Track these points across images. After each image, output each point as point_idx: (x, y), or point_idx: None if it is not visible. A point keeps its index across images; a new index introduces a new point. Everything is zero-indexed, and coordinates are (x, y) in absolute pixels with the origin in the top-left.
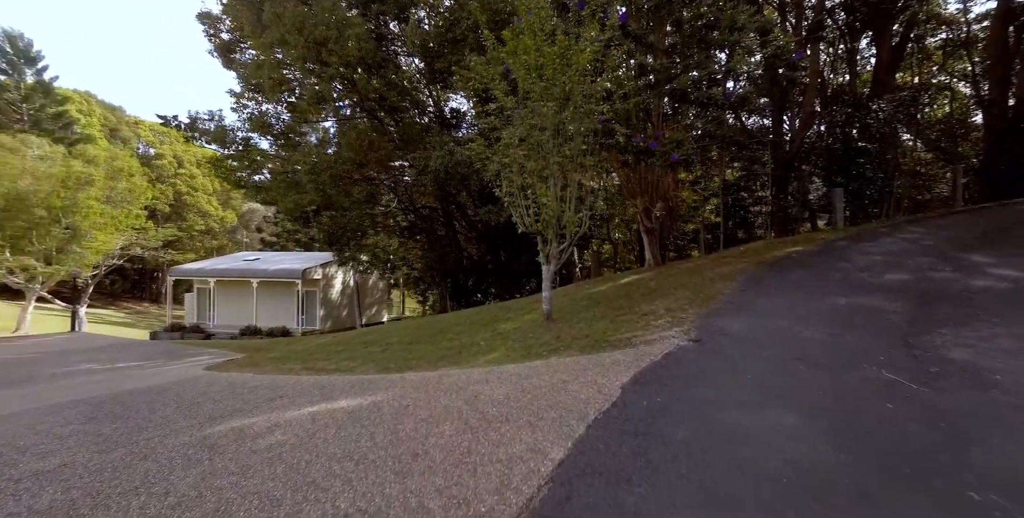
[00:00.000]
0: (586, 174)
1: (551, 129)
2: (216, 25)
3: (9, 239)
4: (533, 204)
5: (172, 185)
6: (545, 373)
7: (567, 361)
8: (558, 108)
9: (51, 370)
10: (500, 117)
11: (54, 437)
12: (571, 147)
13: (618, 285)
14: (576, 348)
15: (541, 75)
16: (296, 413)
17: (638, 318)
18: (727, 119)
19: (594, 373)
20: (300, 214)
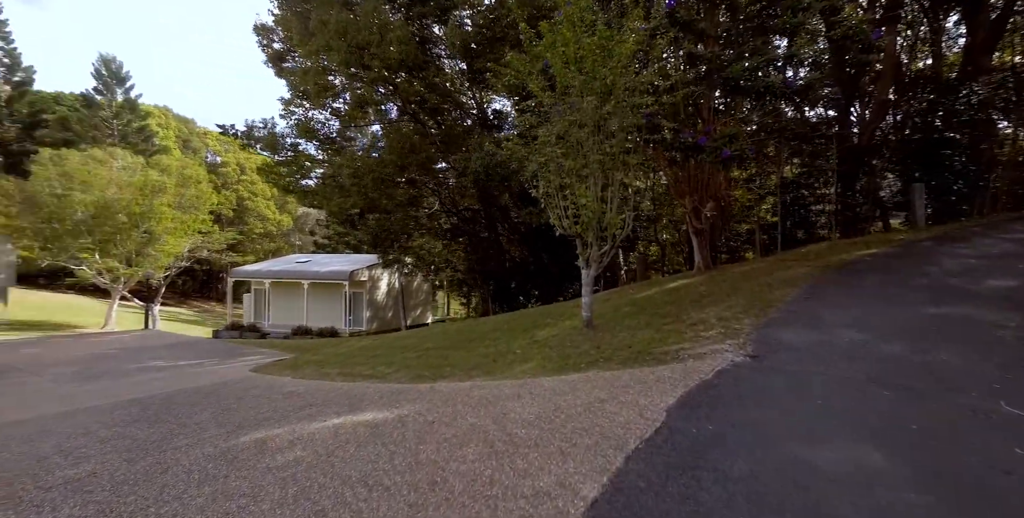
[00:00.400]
0: (629, 173)
1: (591, 125)
2: (269, 36)
3: (98, 243)
4: (572, 205)
5: (235, 191)
6: (581, 389)
7: (606, 376)
8: (599, 103)
9: (124, 366)
10: (537, 114)
11: (96, 440)
12: (613, 144)
13: (665, 290)
14: (617, 361)
15: (580, 68)
16: (320, 425)
17: (686, 328)
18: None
19: (635, 392)
20: (345, 217)
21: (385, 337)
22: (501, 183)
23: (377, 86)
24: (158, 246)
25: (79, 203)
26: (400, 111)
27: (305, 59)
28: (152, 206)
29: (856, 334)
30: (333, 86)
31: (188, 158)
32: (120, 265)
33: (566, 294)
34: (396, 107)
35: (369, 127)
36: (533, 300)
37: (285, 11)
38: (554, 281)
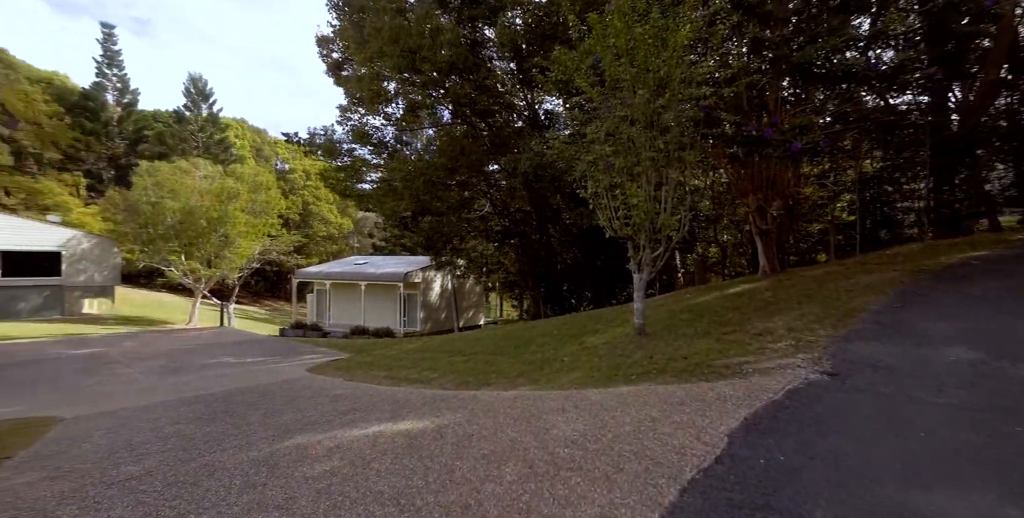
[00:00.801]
0: (686, 170)
1: (643, 121)
2: (329, 46)
3: (183, 246)
4: (622, 205)
5: (301, 196)
6: (632, 404)
7: (660, 390)
8: (651, 96)
9: (200, 360)
10: (585, 111)
11: (160, 437)
12: (667, 140)
13: (726, 295)
14: (671, 373)
15: (632, 60)
16: (361, 432)
17: (750, 338)
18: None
19: (693, 410)
20: (398, 220)
21: (435, 339)
22: (551, 184)
23: (428, 90)
24: (232, 249)
25: (168, 210)
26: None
27: (360, 66)
28: (227, 211)
29: (967, 352)
30: (386, 91)
31: (260, 166)
32: (201, 266)
33: (619, 297)
34: (447, 110)
35: (421, 131)
36: (585, 303)
37: (343, 21)
38: (606, 284)
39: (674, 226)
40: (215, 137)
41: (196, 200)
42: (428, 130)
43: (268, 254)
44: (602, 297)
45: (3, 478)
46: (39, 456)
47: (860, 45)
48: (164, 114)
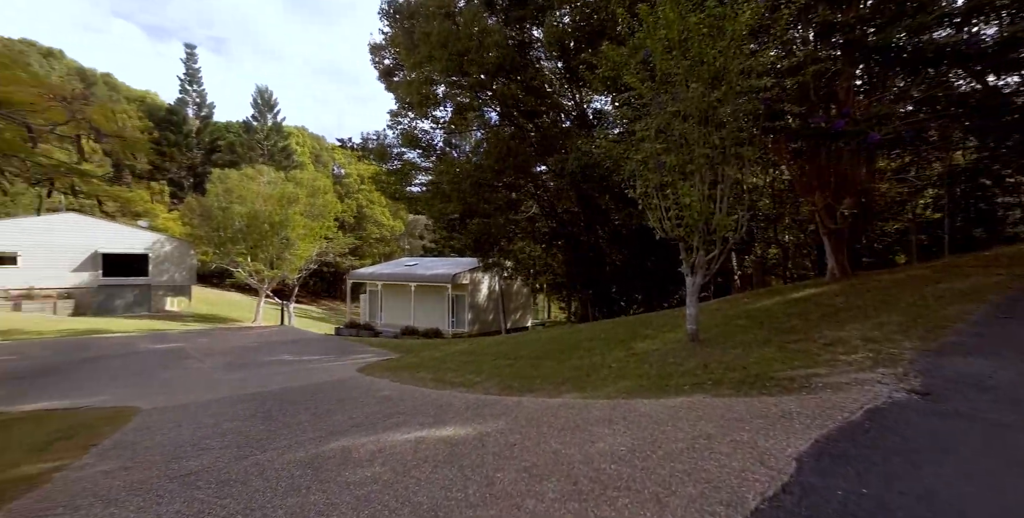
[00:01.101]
0: (744, 168)
1: (696, 116)
2: (380, 54)
3: (249, 248)
4: (673, 206)
5: (355, 199)
6: (684, 418)
7: (715, 403)
8: (706, 90)
9: (261, 357)
10: (634, 108)
11: (219, 432)
12: (723, 135)
13: (789, 300)
14: (728, 384)
15: (685, 52)
16: (403, 437)
17: (819, 349)
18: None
19: (754, 428)
20: (446, 222)
21: (481, 342)
22: (598, 184)
23: (475, 92)
24: (292, 251)
25: (236, 214)
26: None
27: (410, 71)
28: (288, 215)
29: None
30: (435, 95)
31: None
32: (265, 267)
33: (670, 300)
34: (494, 112)
35: (468, 133)
36: (635, 306)
37: (394, 28)
38: (657, 286)
39: (730, 226)
40: (279, 145)
41: (260, 205)
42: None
43: (325, 255)
44: (652, 300)
45: (89, 464)
46: (119, 445)
47: (955, 21)
48: (235, 125)
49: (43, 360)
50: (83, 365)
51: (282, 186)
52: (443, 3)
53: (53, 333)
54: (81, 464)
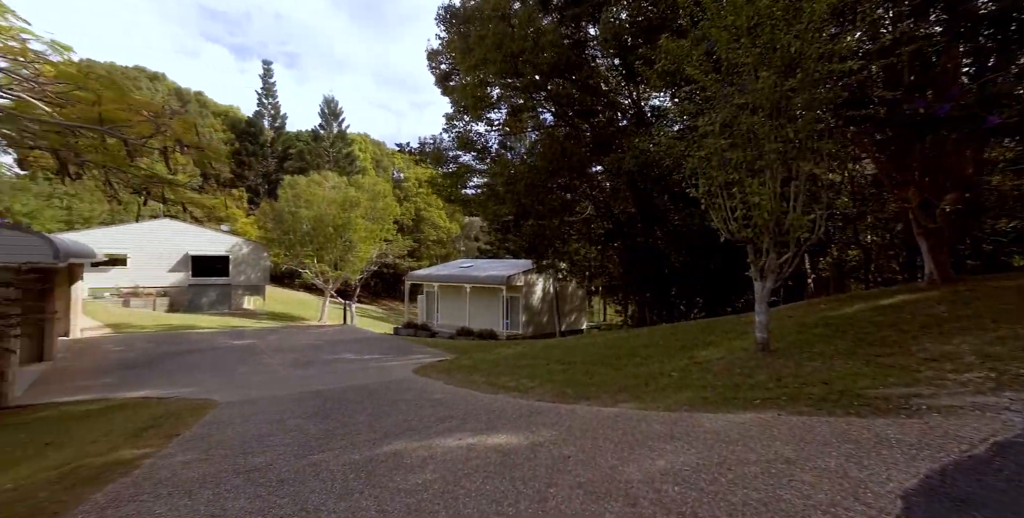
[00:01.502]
0: (821, 162)
1: (767, 107)
2: (437, 59)
3: (315, 250)
4: (740, 205)
5: (413, 202)
6: (756, 438)
7: (792, 422)
8: (778, 79)
9: (325, 356)
10: (696, 102)
11: (283, 429)
12: (797, 127)
13: (877, 307)
14: (807, 401)
15: (754, 40)
16: (455, 443)
17: (919, 364)
18: None
19: (842, 454)
20: (500, 224)
21: (535, 345)
22: (657, 183)
23: (530, 93)
24: (354, 253)
25: (304, 218)
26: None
27: (465, 75)
28: (350, 218)
29: None
30: (489, 97)
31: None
32: (329, 269)
33: (734, 305)
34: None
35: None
36: (695, 310)
37: (450, 33)
38: (720, 289)
39: (806, 227)
40: (343, 151)
41: (325, 209)
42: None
43: (384, 257)
44: (714, 304)
45: (171, 454)
46: (196, 437)
47: None
48: (304, 134)
49: (145, 352)
50: (175, 358)
51: (345, 190)
52: (498, 5)
53: (153, 327)
54: (164, 453)
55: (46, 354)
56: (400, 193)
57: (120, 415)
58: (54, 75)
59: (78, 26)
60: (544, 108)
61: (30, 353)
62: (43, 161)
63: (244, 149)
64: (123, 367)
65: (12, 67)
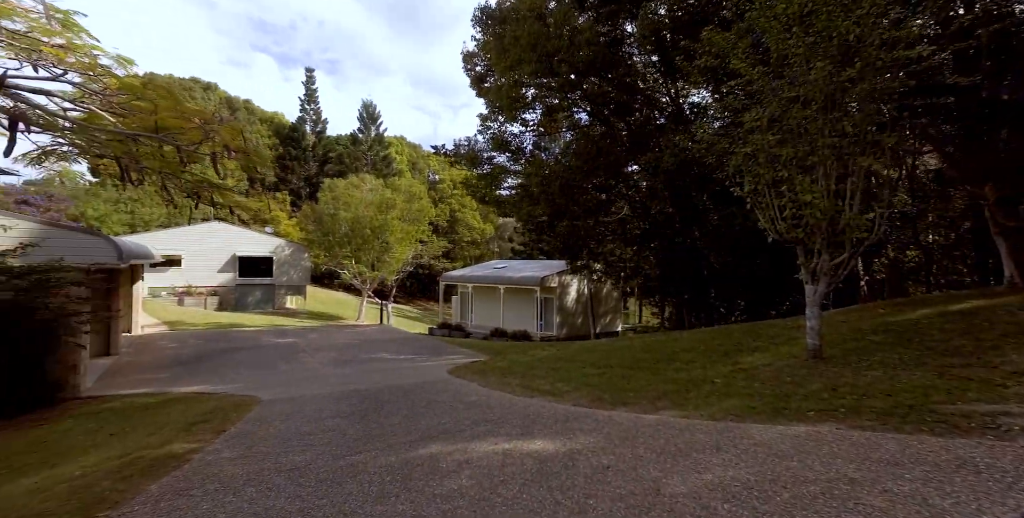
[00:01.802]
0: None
1: (820, 100)
2: (472, 61)
3: (353, 252)
4: (789, 204)
5: (448, 204)
6: (813, 453)
7: (853, 438)
8: (833, 69)
9: (362, 355)
10: (740, 97)
11: (321, 429)
12: (855, 120)
13: (945, 313)
14: (868, 414)
15: (807, 28)
16: (491, 448)
17: (1005, 378)
18: None
19: (916, 478)
20: (535, 225)
21: (570, 347)
22: (696, 182)
23: (565, 92)
24: (390, 254)
25: (342, 219)
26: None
27: (500, 76)
28: (386, 220)
29: None
30: (524, 98)
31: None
32: (367, 269)
33: (779, 308)
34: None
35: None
36: (736, 313)
37: (485, 35)
38: (762, 292)
39: (863, 227)
40: (380, 154)
41: (363, 210)
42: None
43: (419, 258)
44: (757, 307)
45: (217, 450)
46: (241, 434)
47: None
48: (343, 138)
49: (196, 349)
50: (223, 355)
51: (381, 192)
52: (534, 5)
53: (204, 325)
54: (212, 449)
55: (112, 349)
56: (435, 195)
57: (174, 409)
58: (117, 87)
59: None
60: (579, 107)
61: (98, 348)
62: (110, 169)
63: (287, 154)
64: (177, 363)
65: (85, 82)
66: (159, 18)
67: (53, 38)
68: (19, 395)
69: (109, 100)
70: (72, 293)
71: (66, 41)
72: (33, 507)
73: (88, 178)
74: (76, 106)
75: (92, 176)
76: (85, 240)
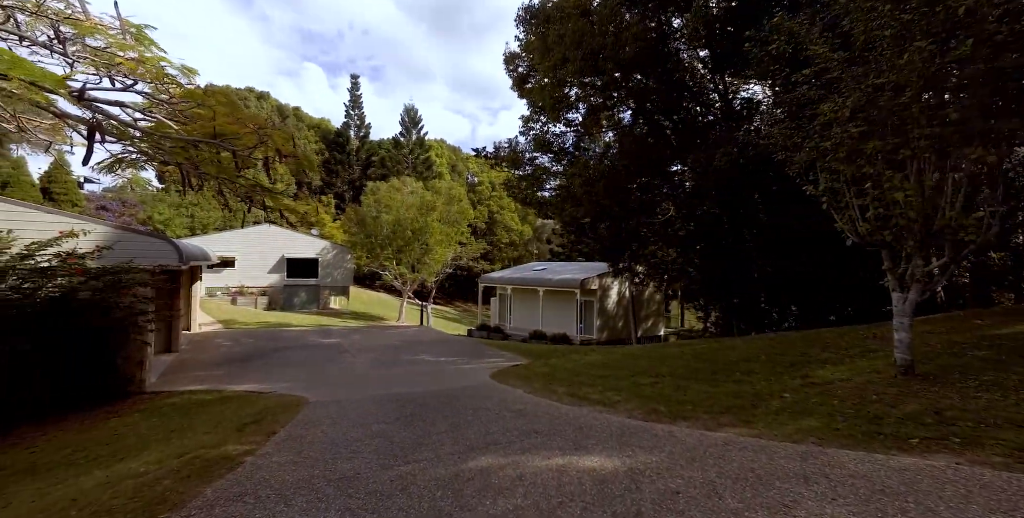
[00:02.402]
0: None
1: (917, 85)
2: (515, 62)
3: (395, 253)
4: (874, 203)
5: (487, 206)
6: (934, 494)
7: (985, 478)
8: (938, 47)
9: (404, 356)
10: (814, 86)
11: (368, 435)
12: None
13: None
14: (996, 448)
15: (901, 4)
16: (544, 463)
17: None
18: None
19: None
20: (576, 226)
21: (615, 352)
22: (749, 181)
23: (610, 91)
24: (431, 255)
25: (385, 222)
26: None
27: (543, 76)
28: (427, 222)
29: None
30: (568, 97)
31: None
32: (407, 271)
33: (840, 314)
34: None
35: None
36: (789, 320)
37: (529, 35)
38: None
39: (973, 227)
40: (421, 157)
41: (404, 213)
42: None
43: (459, 260)
44: (812, 313)
45: (268, 454)
46: (290, 437)
47: None
48: (386, 142)
49: (248, 347)
50: (273, 354)
51: (422, 194)
52: (579, 2)
53: (254, 324)
54: (263, 452)
55: (173, 346)
56: (474, 197)
57: (228, 407)
58: (181, 95)
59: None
60: (624, 106)
61: (161, 345)
62: (174, 175)
63: (333, 158)
64: (231, 361)
65: (153, 92)
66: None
67: (127, 52)
68: (97, 388)
69: (174, 108)
70: (140, 293)
71: (138, 54)
72: (104, 502)
73: (155, 184)
74: (145, 116)
75: (158, 183)
76: (151, 243)
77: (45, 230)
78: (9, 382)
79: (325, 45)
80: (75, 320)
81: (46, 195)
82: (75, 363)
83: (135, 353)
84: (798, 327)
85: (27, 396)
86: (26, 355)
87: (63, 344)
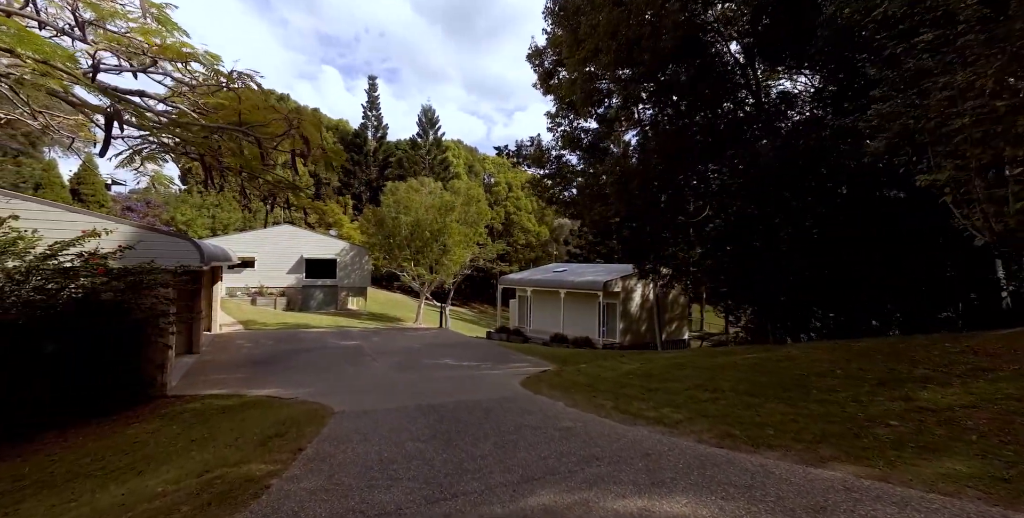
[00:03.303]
0: None
1: None
2: (540, 57)
3: (413, 254)
4: (1014, 195)
5: (504, 207)
6: None
7: None
8: None
9: (426, 360)
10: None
11: (404, 456)
12: None
13: None
14: None
15: None
16: (620, 505)
17: None
18: None
19: None
20: (601, 226)
21: (654, 360)
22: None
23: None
24: (449, 256)
25: (403, 223)
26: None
27: (572, 70)
28: (445, 223)
29: None
30: (599, 91)
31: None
32: (425, 272)
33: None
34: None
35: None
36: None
37: (557, 27)
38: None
39: None
40: (438, 158)
41: (423, 213)
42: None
43: (476, 261)
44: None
45: (296, 478)
46: (319, 456)
47: None
48: (403, 143)
49: (269, 349)
50: (293, 356)
51: (440, 195)
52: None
53: (274, 325)
54: (289, 475)
55: (194, 347)
56: (490, 197)
57: (250, 414)
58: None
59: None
60: (659, 99)
61: (182, 347)
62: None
63: (350, 159)
64: (252, 363)
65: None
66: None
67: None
68: (117, 392)
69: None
70: (161, 294)
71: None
72: None
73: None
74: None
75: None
76: (173, 243)
77: (69, 230)
78: (31, 385)
79: (342, 48)
80: (97, 321)
81: (75, 196)
82: (97, 366)
83: (156, 356)
84: (841, 336)
85: (47, 398)
86: (49, 358)
87: (85, 346)
